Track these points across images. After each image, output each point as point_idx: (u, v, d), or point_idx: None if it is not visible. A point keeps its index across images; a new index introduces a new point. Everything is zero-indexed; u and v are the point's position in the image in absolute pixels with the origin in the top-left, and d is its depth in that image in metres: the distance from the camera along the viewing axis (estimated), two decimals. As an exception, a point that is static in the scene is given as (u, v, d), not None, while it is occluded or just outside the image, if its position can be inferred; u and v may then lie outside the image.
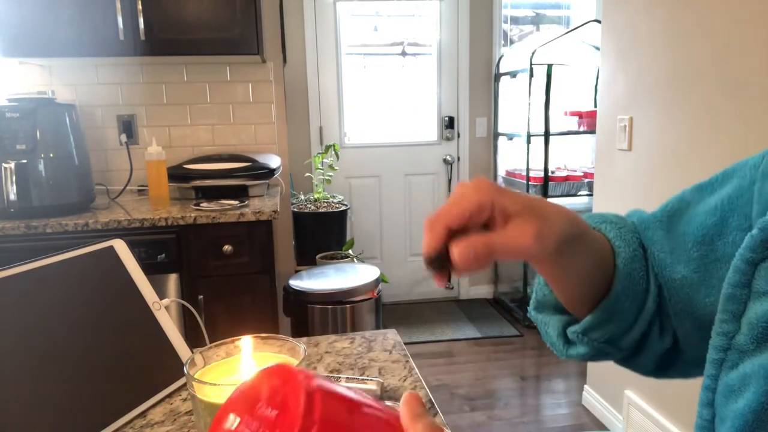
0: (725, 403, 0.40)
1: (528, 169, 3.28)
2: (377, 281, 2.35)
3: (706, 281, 0.50)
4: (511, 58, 3.61)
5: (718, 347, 0.42)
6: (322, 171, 3.19)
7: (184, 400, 0.73)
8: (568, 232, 0.44)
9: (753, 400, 0.37)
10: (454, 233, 0.42)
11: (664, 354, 0.55)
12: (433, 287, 3.87)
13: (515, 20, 3.81)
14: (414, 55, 3.70)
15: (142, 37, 2.09)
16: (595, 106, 2.65)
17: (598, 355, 0.54)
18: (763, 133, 1.49)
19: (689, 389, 1.82)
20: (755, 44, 1.49)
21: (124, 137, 2.46)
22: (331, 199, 3.22)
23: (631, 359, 0.56)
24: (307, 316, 2.25)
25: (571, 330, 0.54)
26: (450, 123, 3.73)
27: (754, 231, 0.41)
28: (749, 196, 0.48)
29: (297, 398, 0.28)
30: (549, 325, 0.56)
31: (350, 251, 3.08)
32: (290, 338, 0.57)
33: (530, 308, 0.59)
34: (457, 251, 0.40)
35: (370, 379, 0.72)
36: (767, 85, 1.47)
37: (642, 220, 0.56)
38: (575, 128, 3.37)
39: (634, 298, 0.51)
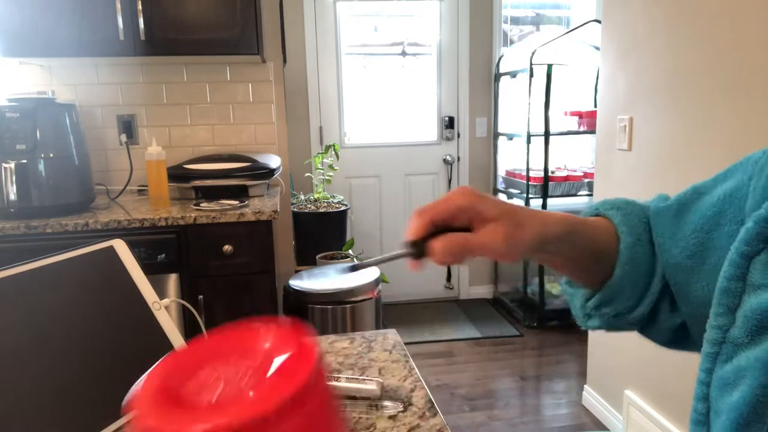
0: (720, 396, 0.40)
1: (528, 169, 3.28)
2: (377, 281, 2.35)
3: (699, 267, 0.52)
4: (511, 58, 3.61)
5: (713, 341, 0.42)
6: (322, 171, 3.19)
7: (184, 400, 0.73)
8: (544, 235, 0.50)
9: (748, 393, 0.37)
10: (437, 229, 0.48)
11: (677, 329, 0.57)
12: (433, 287, 3.87)
13: (515, 20, 3.81)
14: (414, 55, 3.70)
15: (142, 37, 2.09)
16: (595, 106, 2.65)
17: (612, 328, 0.58)
18: (763, 132, 1.49)
19: (689, 389, 1.82)
20: (755, 44, 1.49)
21: (124, 137, 2.46)
22: (331, 199, 3.22)
23: (645, 330, 0.59)
24: (307, 316, 2.25)
25: (587, 305, 0.58)
26: (450, 123, 3.72)
27: (749, 224, 0.41)
28: (746, 190, 0.49)
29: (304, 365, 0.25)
30: (574, 297, 0.61)
31: (350, 251, 3.08)
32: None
33: (562, 281, 0.63)
34: (438, 244, 0.47)
35: (370, 379, 0.72)
36: (767, 84, 1.47)
37: (658, 208, 0.58)
38: (575, 128, 3.37)
39: (636, 280, 0.54)
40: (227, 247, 2.00)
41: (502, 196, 3.75)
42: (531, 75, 3.17)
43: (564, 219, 0.53)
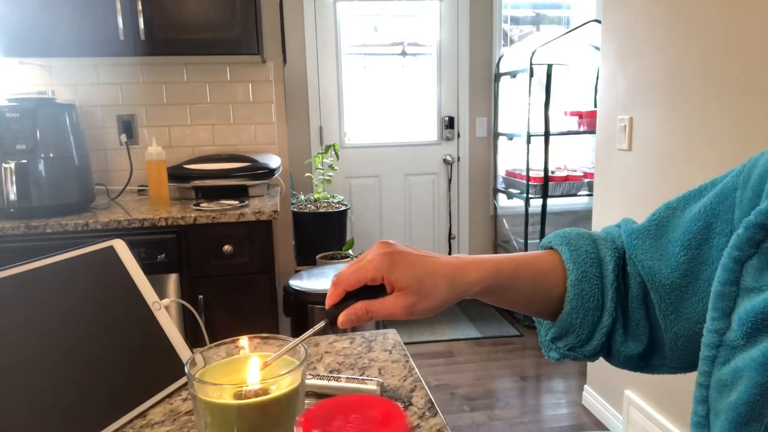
0: (719, 398, 0.41)
1: (528, 169, 3.28)
2: (377, 281, 2.35)
3: (693, 283, 0.52)
4: (511, 58, 3.61)
5: (710, 344, 0.43)
6: (322, 171, 3.19)
7: (184, 400, 0.73)
8: (455, 297, 0.54)
9: (745, 393, 0.38)
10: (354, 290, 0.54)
11: (639, 356, 0.59)
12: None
13: (515, 20, 3.81)
14: (414, 55, 3.70)
15: (142, 37, 2.09)
16: (595, 106, 2.65)
17: (569, 359, 0.60)
18: (762, 132, 1.49)
19: (689, 389, 1.82)
20: (755, 44, 1.49)
21: (124, 137, 2.46)
22: (331, 199, 3.22)
23: (606, 359, 0.61)
24: (307, 316, 2.25)
25: (542, 338, 0.62)
26: (450, 123, 3.73)
27: (740, 230, 0.42)
28: (731, 202, 0.50)
29: None
30: (540, 327, 0.63)
31: (350, 251, 3.08)
32: (290, 338, 0.57)
33: None
34: (342, 317, 0.54)
35: (370, 379, 0.72)
36: (766, 84, 1.47)
37: (631, 231, 0.59)
38: (575, 128, 3.37)
39: (585, 315, 0.56)
40: (227, 247, 2.00)
41: (501, 197, 3.76)
42: (531, 75, 3.17)
43: (493, 271, 0.56)
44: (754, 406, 0.38)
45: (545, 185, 3.25)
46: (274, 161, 2.40)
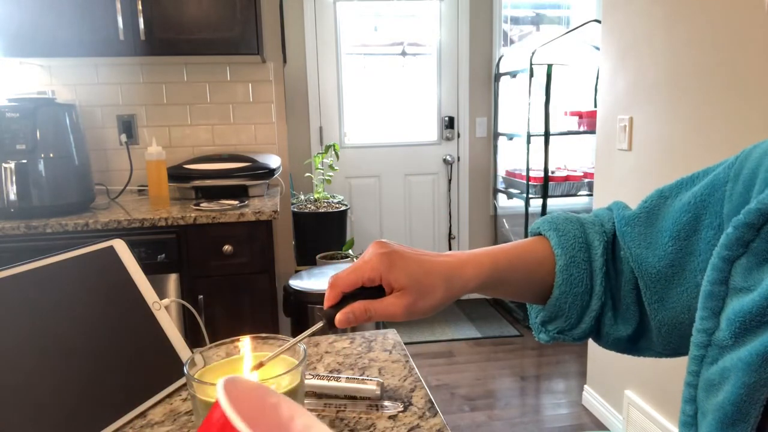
0: (706, 397, 0.41)
1: (528, 169, 3.28)
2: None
3: (680, 273, 0.53)
4: (511, 58, 3.61)
5: (699, 344, 0.43)
6: (322, 171, 3.19)
7: (184, 400, 0.73)
8: (452, 296, 0.54)
9: (732, 393, 0.38)
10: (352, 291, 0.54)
11: (627, 339, 0.59)
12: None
13: (515, 20, 3.81)
14: (414, 55, 3.70)
15: (142, 37, 2.09)
16: (595, 106, 2.65)
17: (558, 341, 0.61)
18: (762, 132, 1.49)
19: (689, 389, 1.82)
20: (755, 44, 1.49)
21: (124, 137, 2.46)
22: (331, 199, 3.22)
23: (595, 340, 0.62)
24: (307, 316, 2.25)
25: (532, 321, 0.63)
26: (450, 123, 3.72)
27: (729, 230, 0.42)
28: (721, 194, 0.51)
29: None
30: (531, 311, 0.64)
31: (350, 251, 3.08)
32: (290, 338, 0.57)
33: None
34: (340, 315, 0.52)
35: (370, 379, 0.72)
36: (766, 84, 1.47)
37: (622, 217, 0.59)
38: (575, 128, 3.37)
39: (574, 299, 0.57)
40: (227, 247, 2.00)
41: (501, 197, 3.76)
42: (531, 75, 3.17)
43: (489, 266, 0.56)
44: (741, 407, 0.38)
45: (545, 185, 3.25)
46: (274, 161, 2.40)
